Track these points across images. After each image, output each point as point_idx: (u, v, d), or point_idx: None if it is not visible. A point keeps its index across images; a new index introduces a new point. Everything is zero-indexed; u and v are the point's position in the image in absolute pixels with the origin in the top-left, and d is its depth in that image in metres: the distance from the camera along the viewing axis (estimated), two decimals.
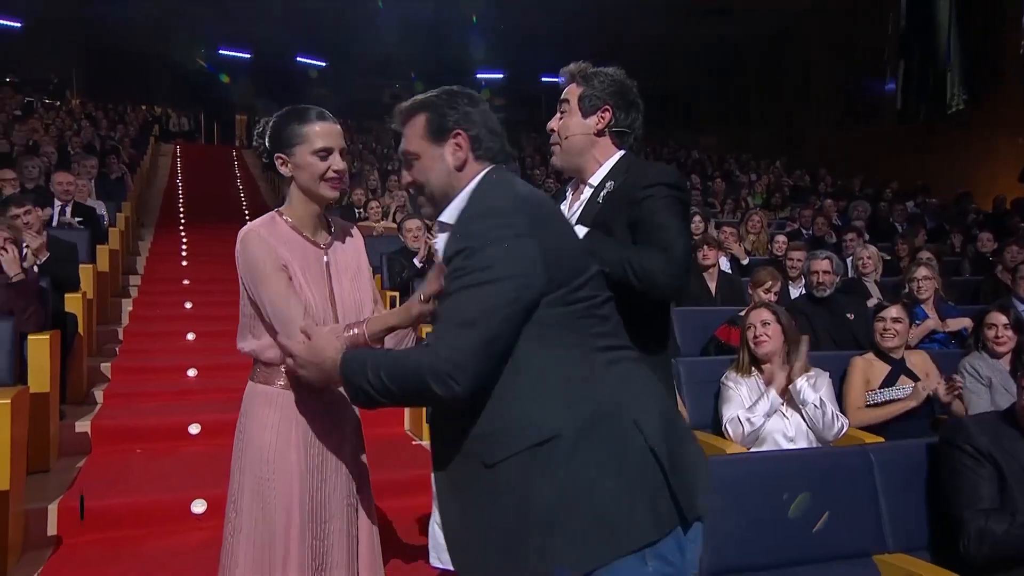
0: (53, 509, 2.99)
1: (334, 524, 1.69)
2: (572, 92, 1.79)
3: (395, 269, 5.21)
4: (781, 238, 6.04)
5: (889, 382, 2.95)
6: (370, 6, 17.39)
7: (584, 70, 1.80)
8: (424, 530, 2.96)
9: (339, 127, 1.70)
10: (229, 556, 1.65)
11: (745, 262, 5.61)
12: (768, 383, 2.69)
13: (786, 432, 2.58)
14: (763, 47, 17.70)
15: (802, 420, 2.59)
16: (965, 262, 6.30)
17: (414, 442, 4.14)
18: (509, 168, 1.47)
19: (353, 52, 18.47)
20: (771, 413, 2.58)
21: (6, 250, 3.40)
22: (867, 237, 7.00)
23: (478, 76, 20.97)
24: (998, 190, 9.95)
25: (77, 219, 5.35)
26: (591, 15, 17.69)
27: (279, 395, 1.67)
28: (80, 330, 4.15)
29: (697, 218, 6.79)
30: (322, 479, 1.67)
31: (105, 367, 4.61)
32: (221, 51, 19.27)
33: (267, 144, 1.71)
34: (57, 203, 5.37)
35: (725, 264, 5.25)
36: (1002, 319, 3.06)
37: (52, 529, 2.98)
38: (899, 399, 2.89)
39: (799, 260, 4.64)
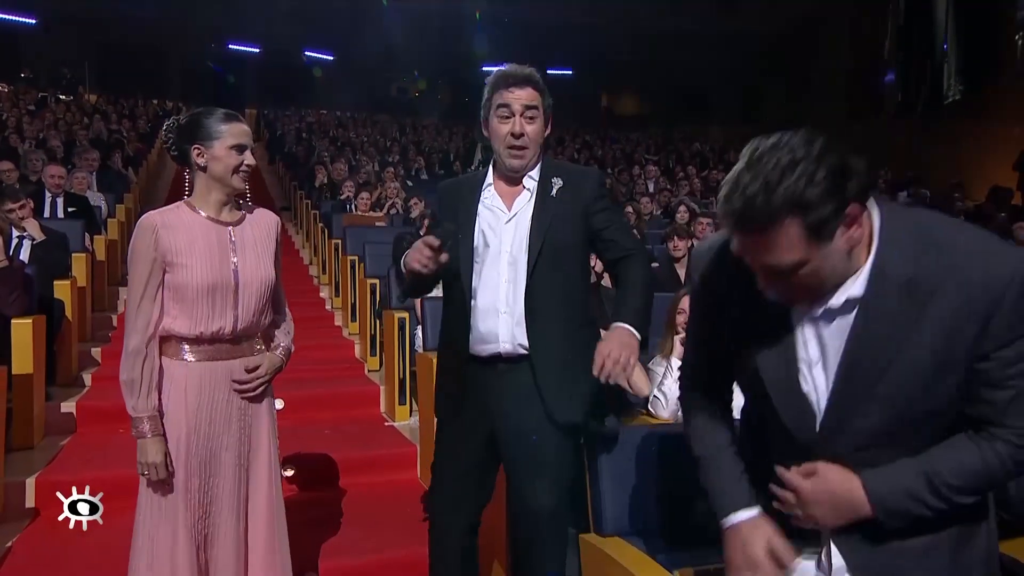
0: (31, 483, 3.18)
1: (221, 479, 1.92)
2: (538, 99, 1.94)
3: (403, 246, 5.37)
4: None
5: None
6: (377, 1, 17.59)
7: (537, 77, 1.95)
8: (396, 503, 3.19)
9: (248, 128, 1.95)
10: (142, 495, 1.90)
11: None
12: (669, 354, 2.86)
13: None
14: (769, 41, 17.66)
15: None
16: None
17: (387, 423, 4.29)
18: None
19: (360, 46, 18.65)
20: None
21: None
22: None
23: (483, 69, 21.10)
24: (995, 179, 9.95)
25: (70, 209, 5.57)
26: (598, 9, 17.74)
27: (181, 367, 1.90)
28: (68, 315, 4.35)
29: (683, 208, 6.90)
30: (209, 436, 1.91)
31: (96, 352, 4.81)
32: (230, 46, 19.51)
33: (180, 137, 1.87)
34: (48, 194, 5.59)
35: None
36: None
37: (30, 502, 3.16)
38: None
39: None
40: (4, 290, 3.53)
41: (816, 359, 1.20)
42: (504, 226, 1.95)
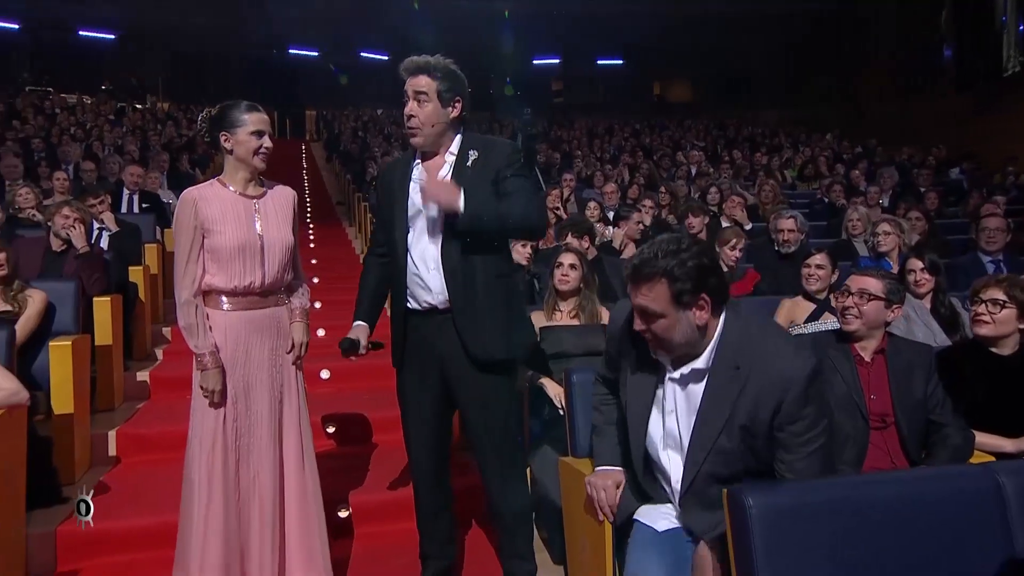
0: (112, 435, 3.69)
1: (257, 407, 2.30)
2: (432, 85, 2.24)
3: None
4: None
5: (813, 318, 3.26)
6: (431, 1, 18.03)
7: (435, 65, 2.24)
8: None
9: (267, 116, 2.32)
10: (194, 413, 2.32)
11: (747, 227, 5.87)
12: None
13: None
14: (822, 20, 17.32)
15: None
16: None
17: None
18: None
19: (415, 45, 19.18)
20: None
21: (74, 227, 4.13)
22: (885, 203, 7.08)
23: (534, 62, 21.32)
24: None
25: (144, 205, 6.18)
26: None
27: (220, 314, 2.31)
28: (141, 297, 4.89)
29: (713, 190, 7.07)
30: (245, 372, 2.29)
31: (166, 331, 5.35)
32: (291, 50, 20.37)
33: (211, 126, 2.27)
34: (125, 192, 6.23)
35: None
36: (918, 264, 3.32)
37: (112, 451, 3.68)
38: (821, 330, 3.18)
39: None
40: (87, 272, 4.05)
41: (671, 409, 1.76)
42: None
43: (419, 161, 2.34)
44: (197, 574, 2.24)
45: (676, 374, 1.73)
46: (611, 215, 5.78)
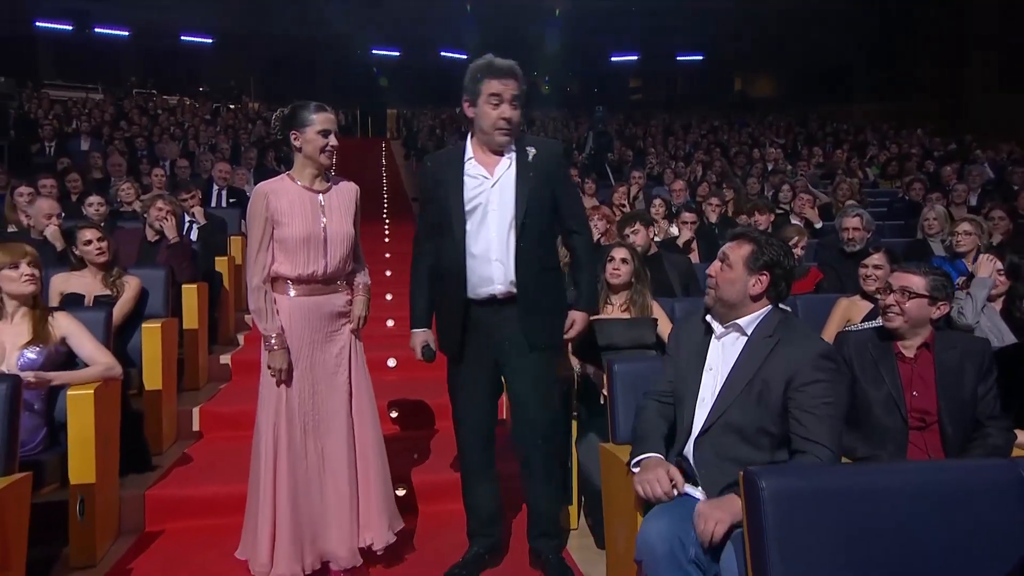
0: (196, 412, 4.00)
1: (324, 384, 2.48)
2: (520, 89, 2.40)
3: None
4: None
5: (870, 318, 3.20)
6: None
7: (519, 70, 2.41)
8: None
9: (333, 116, 2.50)
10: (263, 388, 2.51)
11: (818, 226, 5.75)
12: None
13: None
14: (913, 12, 16.51)
15: None
16: None
17: None
18: None
19: (493, 43, 19.42)
20: None
21: (167, 219, 4.48)
22: (973, 202, 6.77)
23: (612, 59, 21.23)
24: None
25: (231, 200, 6.59)
26: None
27: (286, 300, 2.49)
28: (225, 285, 5.24)
29: (786, 187, 6.93)
30: (311, 351, 2.48)
31: (248, 318, 5.67)
32: (374, 51, 21.00)
33: (283, 125, 2.46)
34: (215, 187, 6.66)
35: None
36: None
37: (196, 426, 3.99)
38: None
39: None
40: (177, 261, 4.39)
41: (711, 368, 2.03)
42: (491, 189, 2.41)
43: (471, 156, 2.46)
44: (264, 539, 2.44)
45: (721, 330, 2.03)
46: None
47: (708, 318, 2.09)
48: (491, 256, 2.40)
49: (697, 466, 1.94)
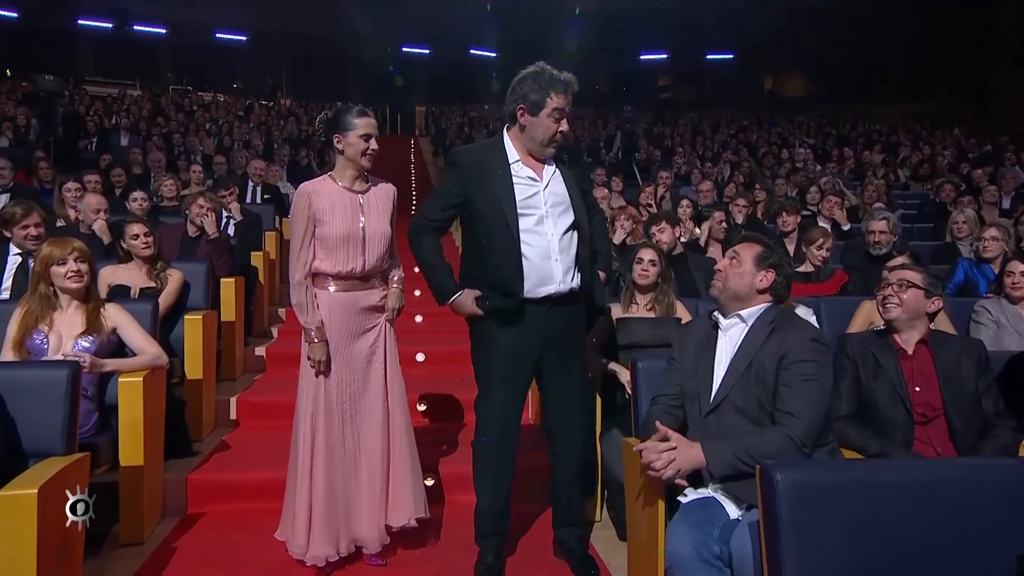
0: (233, 401, 4.16)
1: (361, 376, 2.60)
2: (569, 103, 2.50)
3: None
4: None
5: None
6: None
7: None
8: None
9: (375, 121, 2.61)
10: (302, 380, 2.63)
11: (846, 227, 5.75)
12: None
13: None
14: (952, 10, 16.24)
15: None
16: None
17: None
18: None
19: (521, 41, 19.53)
20: None
21: (207, 216, 4.65)
22: (1006, 205, 6.71)
23: (641, 58, 21.18)
24: None
25: (265, 196, 6.77)
26: None
27: (326, 295, 2.62)
28: (261, 280, 5.41)
29: (813, 189, 6.92)
30: (348, 344, 2.61)
31: (282, 311, 5.86)
32: (404, 48, 21.20)
33: (327, 128, 2.58)
34: (251, 183, 6.84)
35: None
36: (1020, 267, 3.23)
37: (233, 415, 4.15)
38: None
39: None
40: (216, 256, 4.56)
41: (719, 359, 2.17)
42: (543, 192, 2.50)
43: (517, 159, 2.51)
44: (301, 522, 2.57)
45: (725, 323, 2.20)
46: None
47: (715, 314, 2.25)
48: (551, 256, 2.47)
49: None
